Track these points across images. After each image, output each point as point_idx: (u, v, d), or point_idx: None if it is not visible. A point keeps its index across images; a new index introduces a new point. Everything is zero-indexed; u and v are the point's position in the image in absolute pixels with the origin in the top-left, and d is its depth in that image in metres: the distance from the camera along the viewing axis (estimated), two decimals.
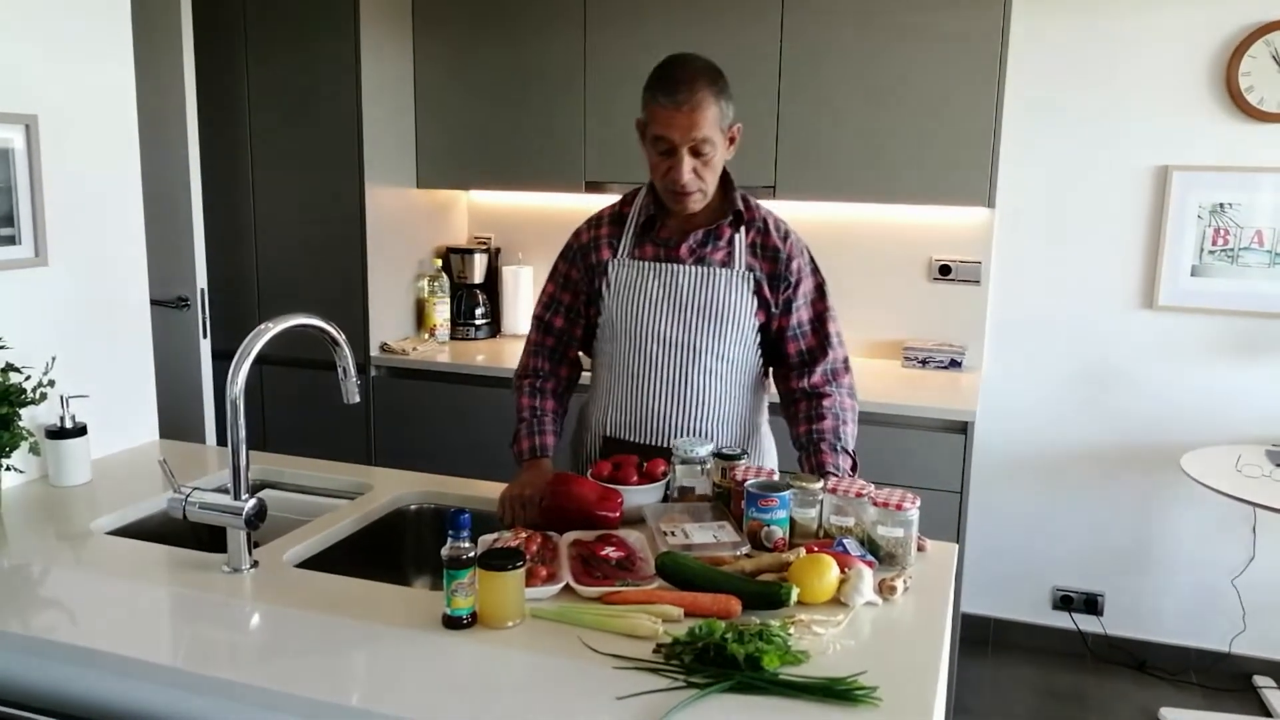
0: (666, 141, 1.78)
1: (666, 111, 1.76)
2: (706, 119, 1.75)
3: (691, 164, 1.79)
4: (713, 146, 1.79)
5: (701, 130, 1.76)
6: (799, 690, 1.21)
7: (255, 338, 1.56)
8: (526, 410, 2.00)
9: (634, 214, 1.96)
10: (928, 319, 3.34)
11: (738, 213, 1.90)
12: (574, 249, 2.01)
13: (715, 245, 1.91)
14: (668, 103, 1.75)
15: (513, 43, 3.37)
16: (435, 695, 1.21)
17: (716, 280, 1.89)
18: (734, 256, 1.90)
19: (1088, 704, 3.12)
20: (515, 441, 1.98)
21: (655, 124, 1.78)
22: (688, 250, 1.90)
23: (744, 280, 1.90)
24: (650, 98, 1.79)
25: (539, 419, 1.98)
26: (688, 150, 1.77)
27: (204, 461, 2.19)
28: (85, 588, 1.52)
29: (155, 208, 2.35)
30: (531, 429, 1.97)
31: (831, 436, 1.87)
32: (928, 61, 2.95)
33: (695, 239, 1.90)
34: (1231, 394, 3.13)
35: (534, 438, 1.96)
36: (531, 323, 2.08)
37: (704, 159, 1.80)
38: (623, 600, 1.43)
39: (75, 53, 2.09)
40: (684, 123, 1.75)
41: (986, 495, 3.39)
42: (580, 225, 2.03)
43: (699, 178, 1.81)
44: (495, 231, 3.85)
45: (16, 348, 1.92)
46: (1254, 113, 2.97)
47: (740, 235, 1.91)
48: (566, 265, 2.02)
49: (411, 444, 3.37)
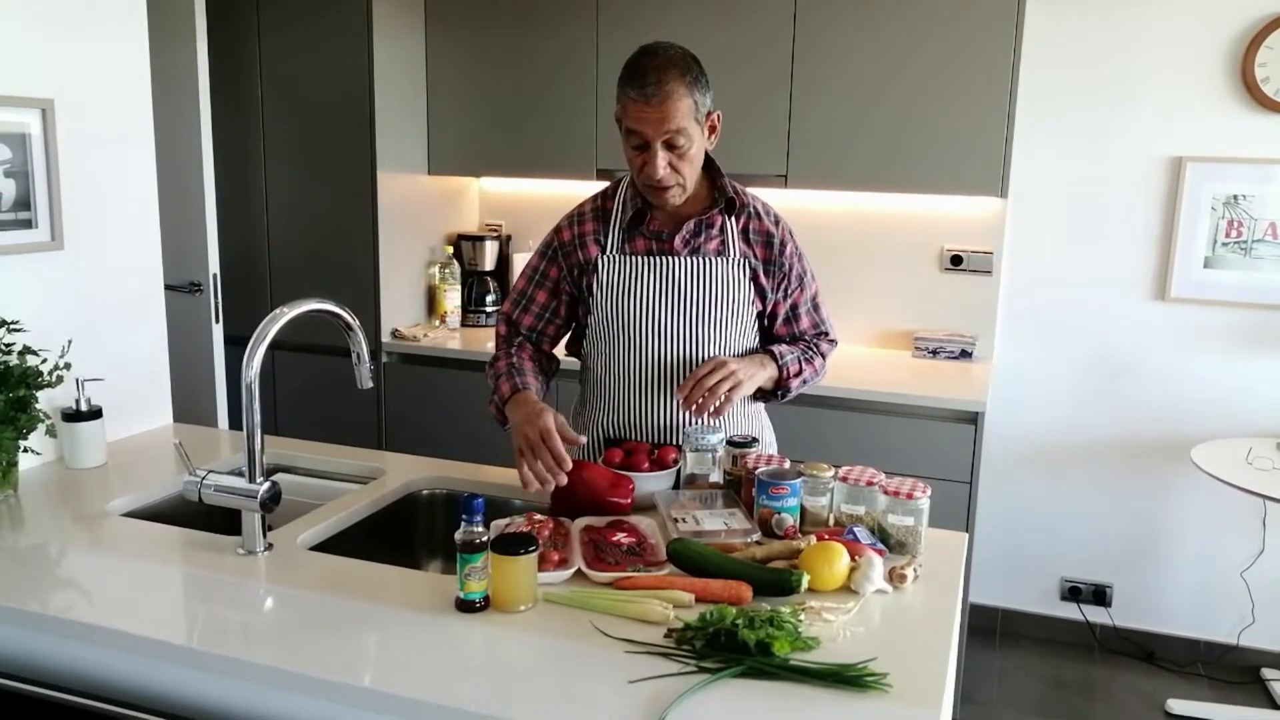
0: (639, 136, 1.73)
1: (637, 105, 1.70)
2: (679, 111, 1.70)
3: (666, 158, 1.73)
4: (688, 139, 1.73)
5: (674, 122, 1.70)
6: (810, 676, 1.22)
7: (271, 322, 1.57)
8: (503, 366, 1.88)
9: (618, 207, 1.89)
10: (939, 309, 3.34)
11: (729, 199, 1.87)
12: (554, 247, 1.94)
13: (708, 234, 1.87)
14: (638, 96, 1.69)
15: (524, 28, 3.37)
16: (448, 677, 1.22)
17: (713, 270, 1.87)
18: (728, 244, 1.88)
19: (1095, 695, 3.12)
20: (495, 394, 1.85)
21: (627, 118, 1.73)
22: (681, 241, 1.86)
23: (740, 268, 1.88)
24: (622, 91, 1.73)
25: (515, 368, 1.87)
26: (661, 144, 1.72)
27: (217, 445, 2.20)
28: (101, 569, 1.53)
29: (168, 193, 2.36)
30: (510, 375, 1.85)
31: (789, 353, 1.93)
32: (940, 51, 2.94)
33: (688, 229, 1.86)
34: (1243, 387, 3.12)
35: (514, 378, 1.83)
36: (498, 319, 2.01)
37: (679, 151, 1.74)
38: (634, 585, 1.43)
39: (91, 37, 2.09)
40: (655, 116, 1.69)
41: (996, 486, 3.39)
42: (560, 221, 1.95)
43: (675, 171, 1.75)
44: (506, 218, 3.85)
45: (34, 330, 1.93)
46: (1270, 104, 2.95)
47: (732, 222, 1.88)
48: (544, 263, 1.94)
49: (422, 429, 3.38)
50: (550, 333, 1.98)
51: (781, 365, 1.90)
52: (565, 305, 1.96)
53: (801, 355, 1.94)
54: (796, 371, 1.92)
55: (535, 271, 1.96)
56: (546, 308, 1.96)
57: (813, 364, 1.96)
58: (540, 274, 1.95)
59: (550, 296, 1.95)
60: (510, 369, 1.88)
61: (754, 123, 3.13)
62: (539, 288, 1.96)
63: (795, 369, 1.92)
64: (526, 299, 1.97)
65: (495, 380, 1.89)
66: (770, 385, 1.91)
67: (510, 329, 1.99)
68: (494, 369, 1.92)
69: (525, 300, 1.97)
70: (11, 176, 1.94)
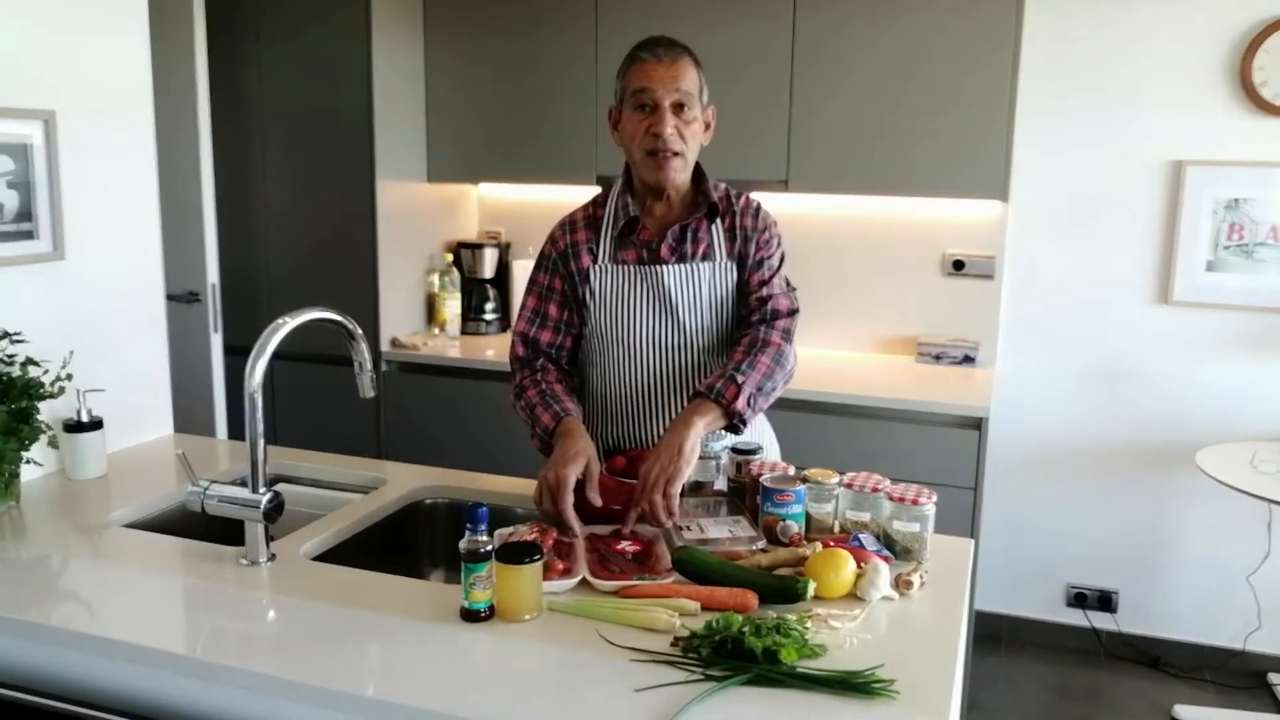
0: (649, 94, 1.75)
1: (648, 65, 1.75)
2: (689, 75, 1.76)
3: (674, 121, 1.76)
4: (692, 111, 1.77)
5: (683, 83, 1.75)
6: (816, 683, 1.21)
7: (273, 332, 1.56)
8: (535, 396, 1.82)
9: (609, 216, 1.88)
10: (941, 314, 3.33)
11: (712, 205, 1.85)
12: (552, 258, 1.91)
13: (695, 239, 1.86)
14: (649, 57, 1.76)
15: (523, 35, 3.37)
16: (453, 686, 1.21)
17: (701, 276, 1.85)
18: (714, 248, 1.86)
19: (1101, 701, 3.11)
20: (533, 429, 1.80)
21: (636, 79, 1.77)
22: (668, 249, 1.85)
23: (727, 272, 1.87)
24: (629, 61, 1.79)
25: (551, 396, 1.81)
26: (670, 106, 1.75)
27: (216, 456, 2.20)
28: (103, 580, 1.52)
29: (167, 202, 2.36)
30: (547, 404, 1.79)
31: (732, 368, 1.73)
32: (941, 55, 2.94)
33: (674, 235, 1.85)
34: (1247, 390, 3.11)
35: (552, 407, 1.78)
36: (514, 340, 1.93)
37: (684, 120, 1.77)
38: (639, 594, 1.43)
39: (93, 49, 2.09)
40: (667, 75, 1.74)
41: (1001, 491, 3.38)
42: (553, 230, 1.93)
43: (680, 138, 1.77)
44: (505, 226, 3.85)
45: (35, 342, 1.93)
46: (1269, 108, 2.95)
47: (717, 225, 1.87)
48: (547, 275, 1.92)
49: (422, 438, 3.37)
50: (568, 345, 1.93)
51: (714, 397, 1.70)
52: (575, 315, 1.92)
53: (736, 368, 1.73)
54: (734, 395, 1.69)
55: (541, 286, 1.93)
56: (560, 320, 1.92)
57: (758, 364, 1.74)
58: (546, 288, 1.93)
59: (561, 309, 1.92)
60: (543, 397, 1.81)
61: (755, 128, 3.13)
62: (548, 301, 1.92)
63: (733, 391, 1.69)
64: (541, 315, 1.92)
65: (530, 412, 1.81)
66: (723, 422, 1.72)
67: (529, 348, 1.92)
68: (524, 400, 1.84)
69: (539, 316, 1.92)
70: (14, 187, 1.94)
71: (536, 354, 1.92)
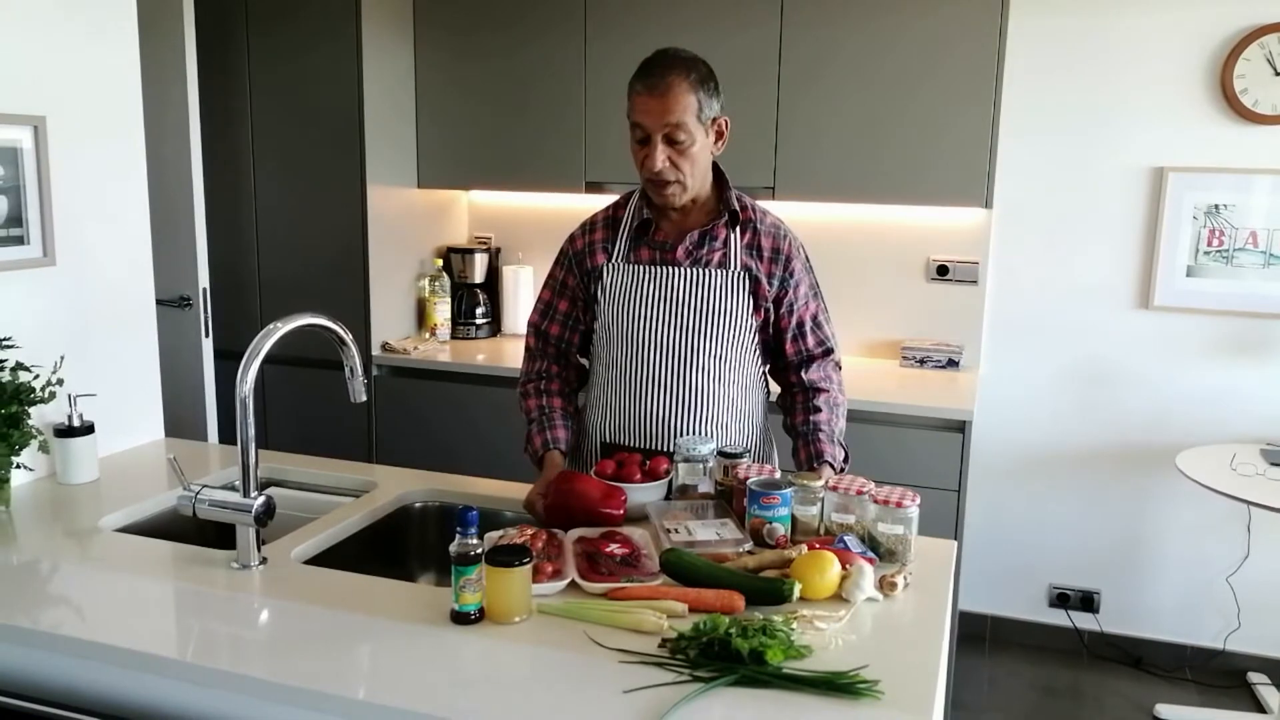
0: (641, 129, 1.81)
1: (640, 98, 1.79)
2: (679, 105, 1.77)
3: (666, 152, 1.79)
4: (687, 135, 1.79)
5: (673, 115, 1.76)
6: (802, 684, 1.23)
7: (264, 337, 1.57)
8: (535, 410, 2.00)
9: (628, 217, 1.95)
10: (925, 319, 3.37)
11: (733, 212, 1.90)
12: (569, 255, 2.00)
13: (711, 246, 1.90)
14: (641, 89, 1.79)
15: (513, 42, 3.39)
16: (443, 689, 1.23)
17: (712, 282, 1.89)
18: (730, 257, 1.90)
19: (1084, 701, 3.14)
20: (528, 443, 1.98)
21: (632, 111, 1.82)
22: (684, 252, 1.90)
23: (740, 281, 1.89)
24: (630, 88, 1.83)
25: (547, 415, 1.98)
26: (661, 138, 1.78)
27: (207, 460, 2.20)
28: (94, 584, 1.53)
29: (157, 207, 2.37)
30: (542, 426, 1.97)
31: (828, 428, 1.94)
32: (926, 63, 2.98)
33: (691, 240, 1.90)
34: (1226, 394, 3.16)
35: (545, 433, 1.95)
36: (528, 329, 2.08)
37: (679, 148, 1.80)
38: (628, 596, 1.45)
39: (83, 54, 2.10)
40: (656, 108, 1.77)
41: (984, 494, 3.41)
42: (574, 230, 2.02)
43: (675, 167, 1.81)
44: (495, 231, 3.87)
45: (26, 346, 1.93)
46: (1249, 115, 3.00)
47: (736, 235, 1.91)
48: (563, 272, 2.01)
49: (412, 442, 3.38)
50: (577, 341, 2.03)
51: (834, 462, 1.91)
52: (586, 311, 2.00)
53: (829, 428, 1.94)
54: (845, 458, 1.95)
55: (556, 281, 2.03)
56: (570, 315, 2.01)
57: (837, 408, 1.99)
58: (560, 283, 2.02)
59: (572, 305, 2.01)
60: (541, 413, 1.99)
61: (741, 135, 3.10)
62: (561, 297, 2.02)
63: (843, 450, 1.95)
64: (552, 309, 2.03)
65: (528, 423, 2.00)
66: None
67: (539, 339, 2.05)
68: (524, 405, 2.03)
69: (551, 310, 2.03)
70: (3, 193, 1.95)
71: (546, 346, 2.05)
